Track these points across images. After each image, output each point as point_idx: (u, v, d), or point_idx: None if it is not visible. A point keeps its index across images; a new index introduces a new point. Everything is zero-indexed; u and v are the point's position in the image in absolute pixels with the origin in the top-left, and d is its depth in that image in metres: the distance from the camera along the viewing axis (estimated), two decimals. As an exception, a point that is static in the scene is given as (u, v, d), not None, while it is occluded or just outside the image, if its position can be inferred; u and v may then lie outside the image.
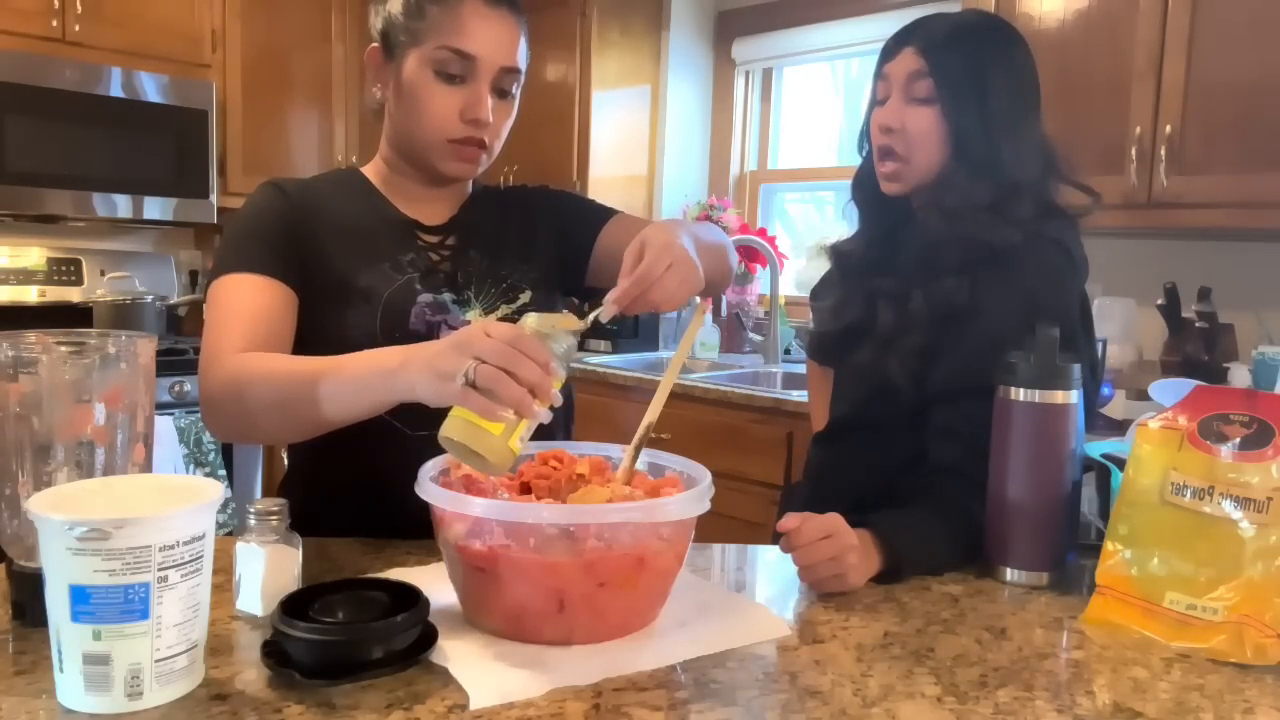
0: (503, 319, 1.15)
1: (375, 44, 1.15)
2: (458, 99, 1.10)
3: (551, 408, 0.82)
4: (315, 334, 1.11)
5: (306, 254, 1.12)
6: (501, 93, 1.14)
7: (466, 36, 1.09)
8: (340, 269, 1.13)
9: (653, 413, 0.95)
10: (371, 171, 1.24)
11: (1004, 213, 1.13)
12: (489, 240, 1.23)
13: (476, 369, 0.79)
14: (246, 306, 1.07)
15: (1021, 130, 1.18)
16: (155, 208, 3.23)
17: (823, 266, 1.42)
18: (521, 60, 1.15)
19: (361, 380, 0.92)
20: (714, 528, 1.11)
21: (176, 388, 2.91)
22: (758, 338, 3.31)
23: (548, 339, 0.84)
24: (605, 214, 1.29)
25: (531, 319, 0.87)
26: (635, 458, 0.94)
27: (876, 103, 1.22)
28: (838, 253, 1.36)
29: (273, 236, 1.11)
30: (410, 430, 1.08)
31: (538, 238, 1.26)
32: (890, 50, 1.21)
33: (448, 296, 1.16)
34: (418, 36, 1.10)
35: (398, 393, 0.88)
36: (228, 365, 1.02)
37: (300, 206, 1.14)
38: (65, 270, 3.31)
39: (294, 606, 0.76)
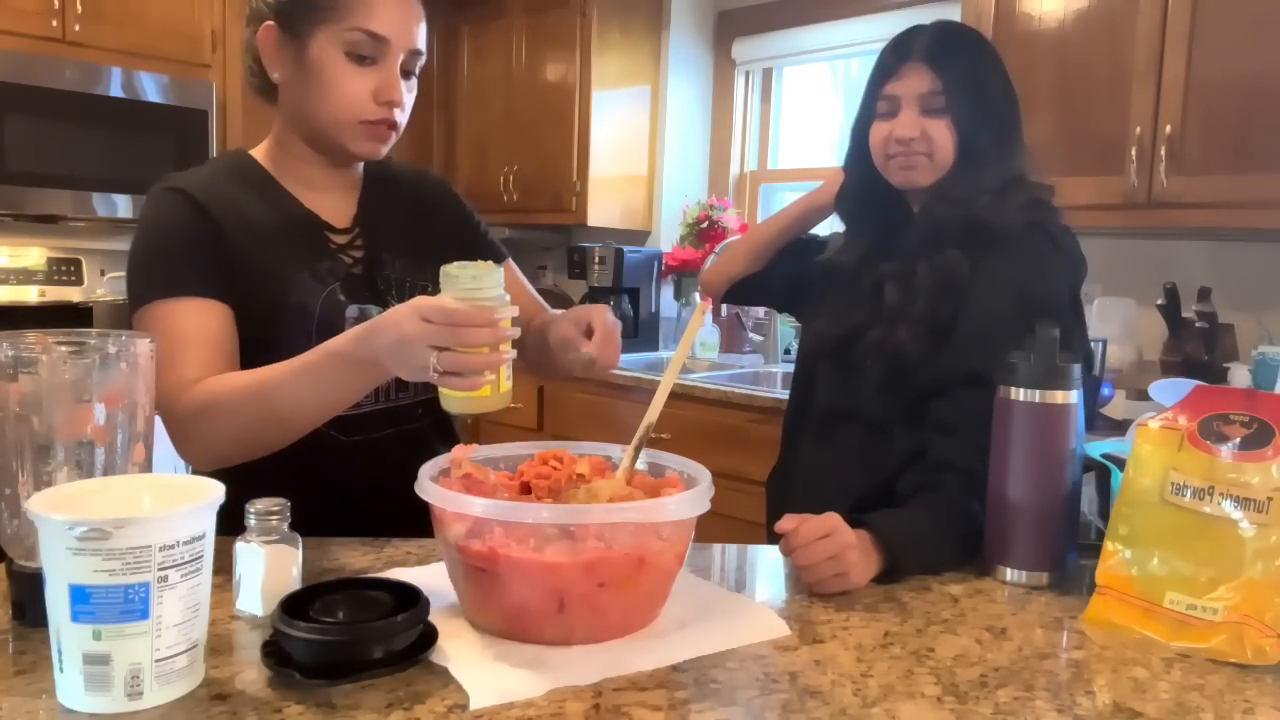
0: None
1: (270, 22, 1.10)
2: (370, 80, 1.10)
3: (514, 341, 0.90)
4: (246, 346, 1.09)
5: (230, 268, 1.09)
6: (407, 73, 1.14)
7: (378, 19, 1.08)
8: (264, 283, 1.11)
9: (653, 413, 0.95)
10: (264, 156, 1.20)
11: (1004, 199, 1.20)
12: (395, 240, 1.23)
13: (438, 359, 0.86)
14: (192, 333, 1.05)
15: (1016, 129, 1.27)
16: (155, 208, 3.23)
17: None
18: (423, 43, 1.15)
19: (342, 380, 0.97)
20: (714, 528, 1.11)
21: (176, 388, 2.91)
22: (758, 338, 3.31)
23: (480, 285, 0.89)
24: (499, 255, 1.31)
25: (453, 269, 0.90)
26: (635, 458, 0.94)
27: (877, 117, 1.26)
28: (831, 267, 1.37)
29: (196, 254, 1.08)
30: (345, 437, 1.13)
31: (439, 237, 1.27)
32: (891, 68, 1.24)
33: (374, 309, 1.15)
34: (325, 17, 1.08)
35: (378, 381, 1.01)
36: (192, 397, 1.01)
37: (212, 216, 1.10)
38: (65, 270, 3.31)
39: (294, 606, 0.76)
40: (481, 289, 0.89)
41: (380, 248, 1.21)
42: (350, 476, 1.14)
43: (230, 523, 0.82)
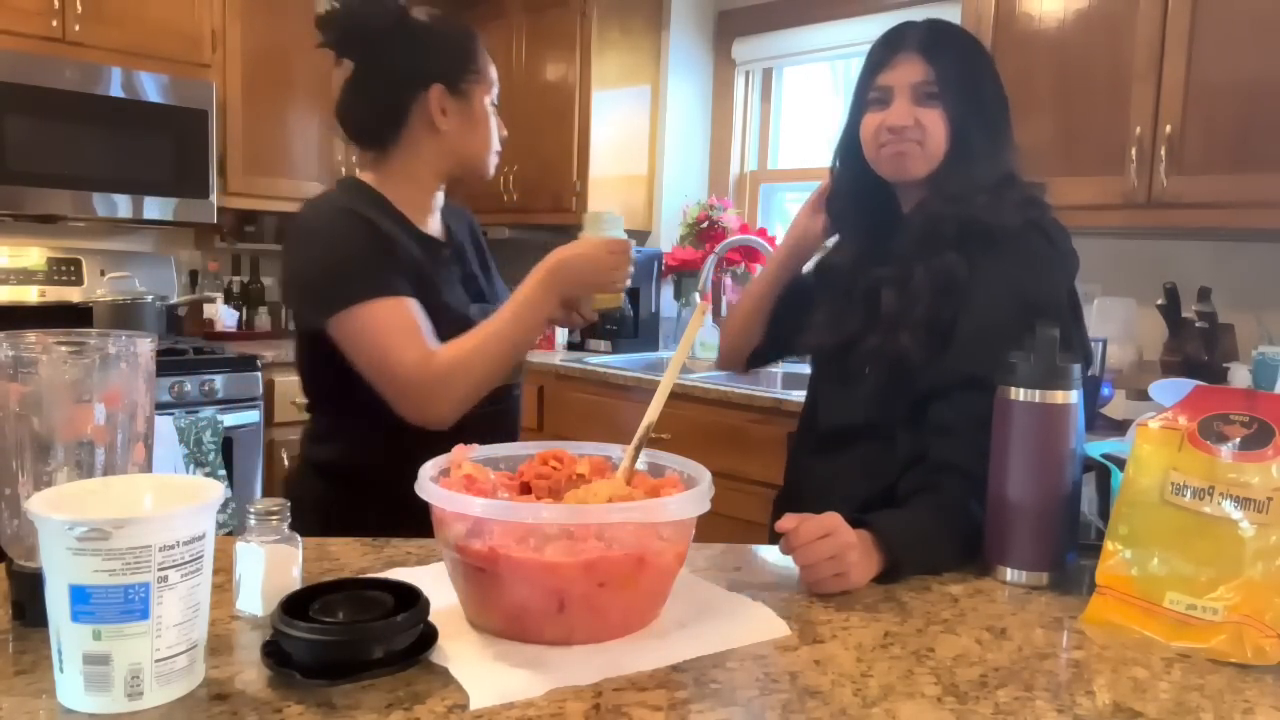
0: None
1: (438, 85, 1.36)
2: (496, 123, 1.44)
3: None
4: None
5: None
6: None
7: (495, 81, 1.44)
8: (423, 286, 1.30)
9: (653, 413, 0.95)
10: (376, 183, 1.39)
11: (1001, 197, 1.19)
12: (467, 252, 1.50)
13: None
14: (416, 319, 1.25)
15: (1008, 127, 1.27)
16: (155, 208, 3.23)
17: None
18: None
19: (539, 318, 1.29)
20: (714, 528, 1.11)
21: (176, 388, 2.91)
22: (758, 338, 3.31)
23: (618, 225, 1.33)
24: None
25: (603, 215, 1.33)
26: (635, 458, 0.94)
27: (869, 107, 1.25)
28: (825, 268, 1.37)
29: (390, 261, 1.28)
30: (485, 406, 1.29)
31: (482, 250, 1.55)
32: (884, 59, 1.24)
33: (490, 307, 1.38)
34: (479, 79, 1.39)
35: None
36: (441, 361, 1.23)
37: (382, 231, 1.30)
38: (65, 270, 3.31)
39: (294, 606, 0.76)
40: (618, 227, 1.32)
41: (466, 259, 1.48)
42: (477, 438, 1.13)
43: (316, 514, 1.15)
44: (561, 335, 3.56)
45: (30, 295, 3.23)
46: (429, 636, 0.78)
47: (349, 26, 1.36)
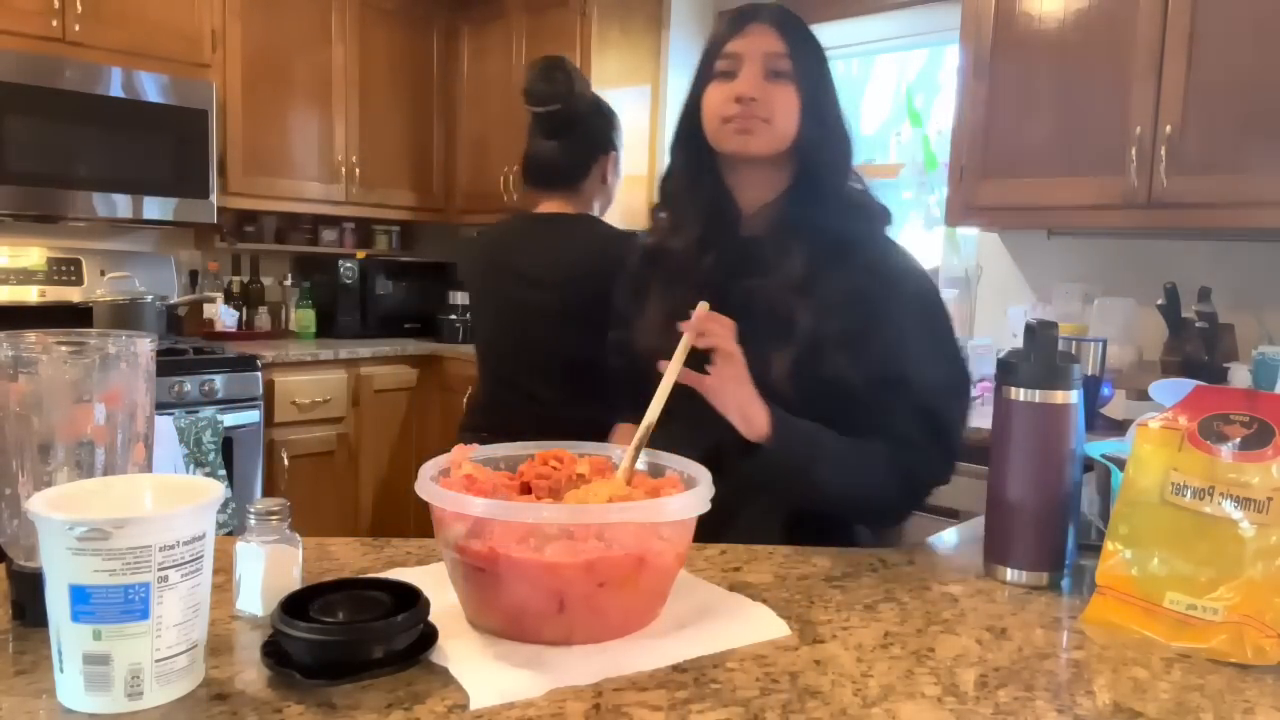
0: None
1: (615, 152, 2.03)
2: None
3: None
4: None
5: None
6: None
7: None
8: None
9: (652, 413, 0.95)
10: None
11: (866, 197, 1.23)
12: None
13: None
14: None
15: (843, 112, 1.24)
16: (155, 208, 3.23)
17: None
18: None
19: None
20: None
21: (176, 388, 2.91)
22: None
23: None
24: None
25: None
26: (635, 458, 0.94)
27: (715, 78, 1.19)
28: (659, 252, 1.29)
29: None
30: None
31: None
32: (734, 28, 1.19)
33: None
34: (621, 152, 2.07)
35: None
36: None
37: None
38: (65, 270, 3.31)
39: (294, 606, 0.76)
40: None
41: None
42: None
43: None
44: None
45: (30, 295, 3.23)
46: (429, 636, 0.78)
47: (564, 113, 1.94)
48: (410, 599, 0.78)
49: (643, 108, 3.57)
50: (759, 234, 1.22)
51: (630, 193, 3.62)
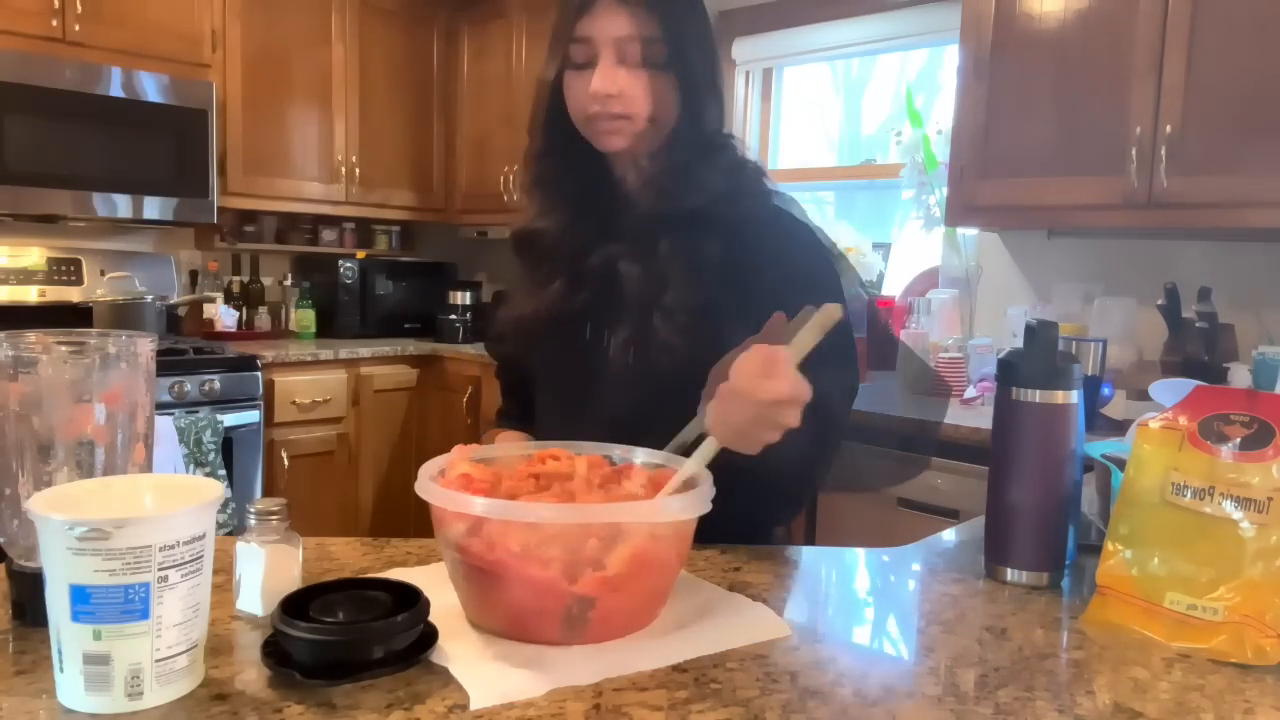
0: None
1: None
2: None
3: None
4: None
5: None
6: None
7: None
8: None
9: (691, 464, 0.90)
10: None
11: (735, 176, 1.14)
12: None
13: None
14: None
15: (721, 82, 1.17)
16: (155, 208, 3.23)
17: None
18: None
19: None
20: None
21: (176, 388, 2.92)
22: (758, 338, 3.30)
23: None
24: None
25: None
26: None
27: (571, 66, 1.12)
28: (530, 235, 1.24)
29: None
30: None
31: None
32: (580, 10, 1.10)
33: None
34: None
35: None
36: None
37: None
38: (65, 270, 3.31)
39: (294, 606, 0.76)
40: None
41: None
42: None
43: None
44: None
45: (30, 295, 3.24)
46: (429, 636, 0.78)
47: None
48: (410, 599, 0.78)
49: (643, 108, 3.57)
50: (635, 205, 1.16)
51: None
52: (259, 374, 3.14)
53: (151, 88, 3.17)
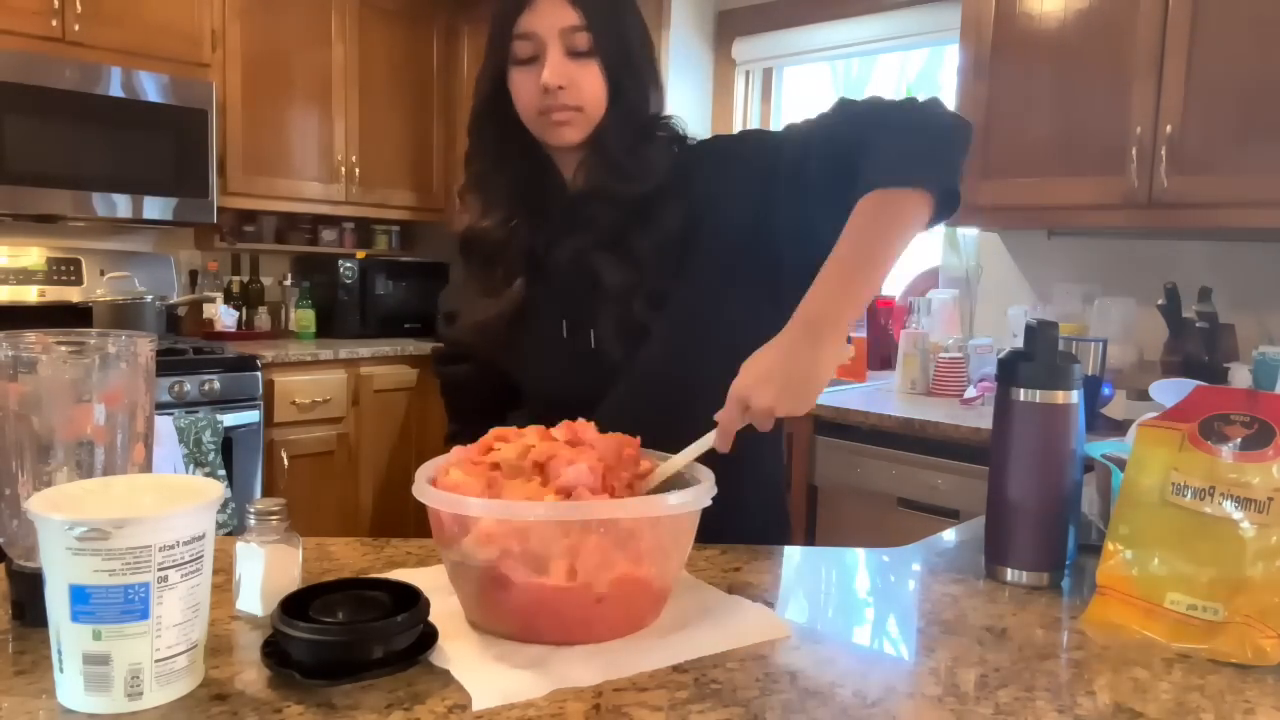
0: None
1: None
2: None
3: None
4: None
5: None
6: None
7: None
8: None
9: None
10: None
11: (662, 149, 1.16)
12: None
13: None
14: None
15: (655, 65, 1.18)
16: (155, 208, 3.23)
17: None
18: None
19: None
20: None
21: (176, 388, 2.91)
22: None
23: None
24: None
25: None
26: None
27: (517, 62, 1.11)
28: (477, 236, 1.22)
29: None
30: None
31: None
32: (521, 2, 1.09)
33: None
34: None
35: None
36: None
37: None
38: (65, 270, 3.31)
39: (294, 606, 0.76)
40: None
41: None
42: None
43: None
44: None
45: (30, 295, 3.23)
46: (429, 637, 0.78)
47: None
48: (410, 599, 0.78)
49: (643, 108, 3.57)
50: (590, 194, 1.16)
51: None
52: (259, 374, 3.14)
53: (151, 88, 3.16)
